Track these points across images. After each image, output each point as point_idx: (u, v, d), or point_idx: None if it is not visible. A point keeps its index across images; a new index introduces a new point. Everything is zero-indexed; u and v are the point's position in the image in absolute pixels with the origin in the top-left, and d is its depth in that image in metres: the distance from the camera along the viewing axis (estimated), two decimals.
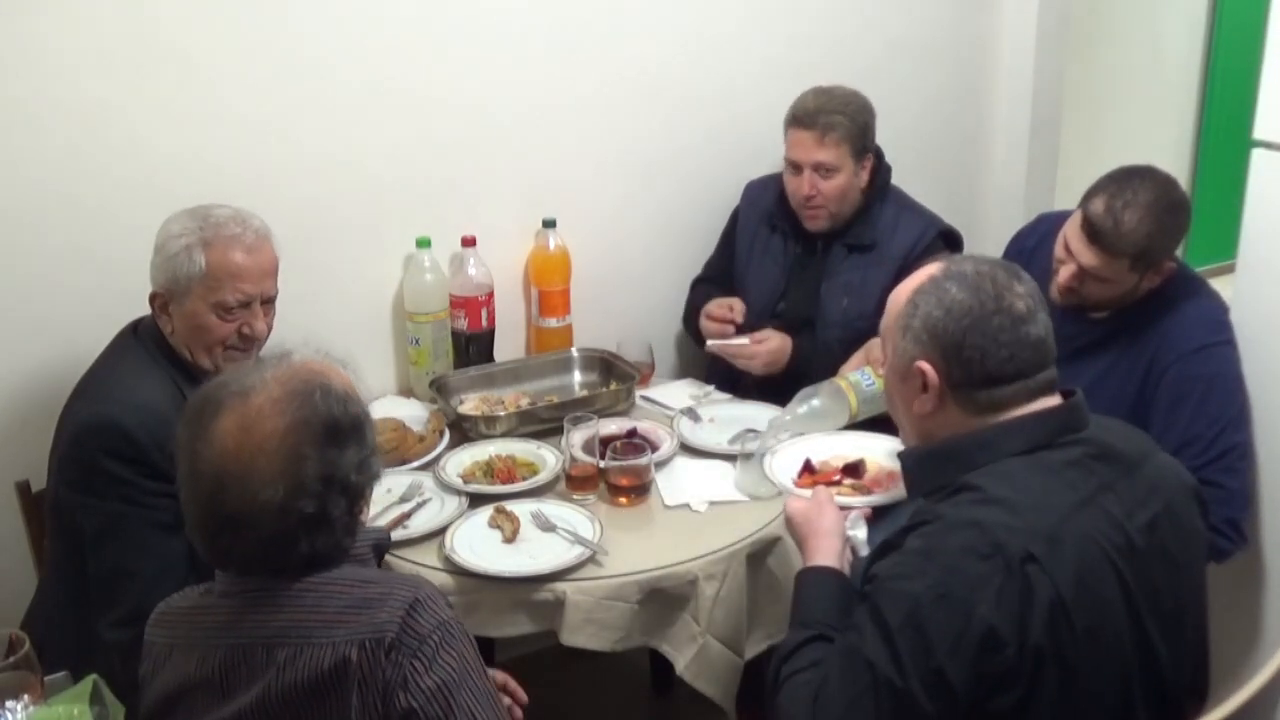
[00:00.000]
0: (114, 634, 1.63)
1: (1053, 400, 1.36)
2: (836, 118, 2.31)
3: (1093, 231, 1.88)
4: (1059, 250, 1.97)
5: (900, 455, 1.47)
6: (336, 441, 1.20)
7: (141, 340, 1.76)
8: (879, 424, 1.86)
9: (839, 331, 2.37)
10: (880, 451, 1.90)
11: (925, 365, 1.35)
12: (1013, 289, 1.35)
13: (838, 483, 1.82)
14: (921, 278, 1.40)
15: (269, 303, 1.78)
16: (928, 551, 1.25)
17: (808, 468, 1.87)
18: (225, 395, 1.19)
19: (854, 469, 1.85)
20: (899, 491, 1.79)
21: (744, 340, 2.34)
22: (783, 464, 1.89)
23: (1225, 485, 1.86)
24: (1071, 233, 1.94)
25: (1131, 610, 1.26)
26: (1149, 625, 1.27)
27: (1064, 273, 1.95)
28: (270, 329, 1.79)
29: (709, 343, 2.38)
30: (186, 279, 1.69)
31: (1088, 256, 1.90)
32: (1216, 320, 1.97)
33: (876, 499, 1.76)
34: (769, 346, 2.32)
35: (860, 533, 1.61)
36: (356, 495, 1.23)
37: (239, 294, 1.72)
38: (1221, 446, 1.88)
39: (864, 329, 2.35)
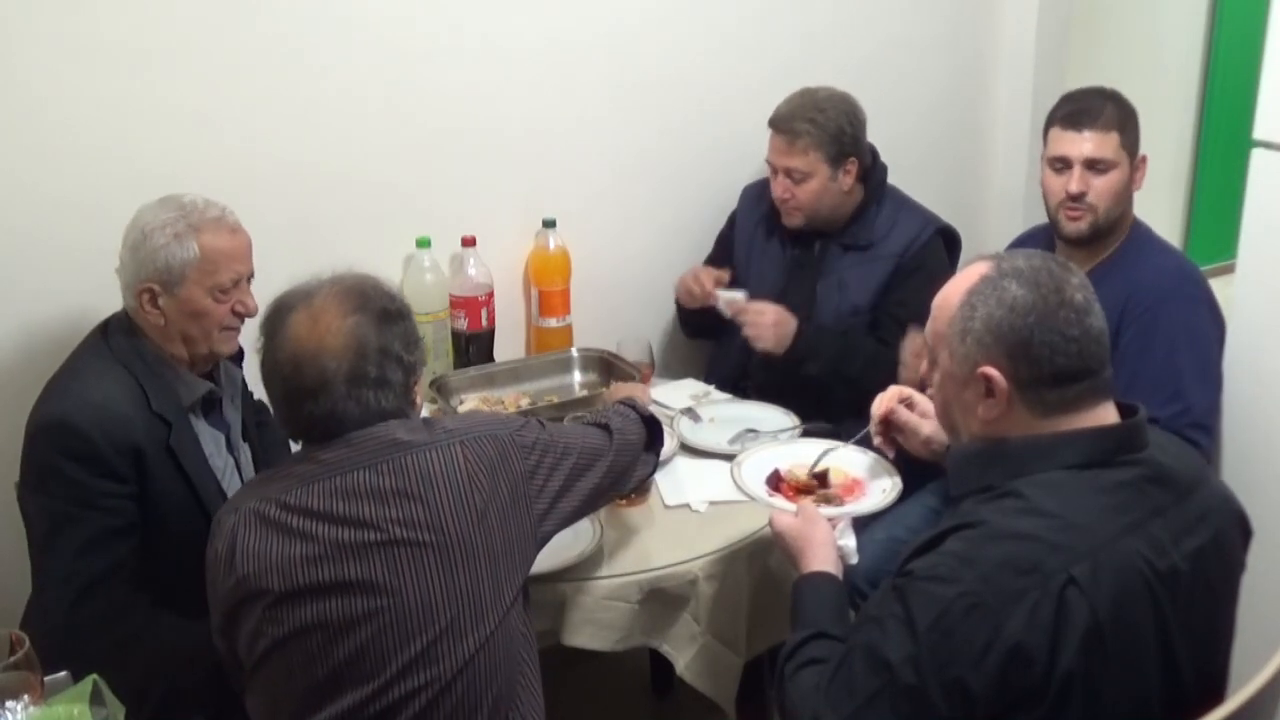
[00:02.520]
0: (66, 627, 1.63)
1: (1112, 407, 1.33)
2: (804, 125, 2.30)
3: (1075, 117, 2.04)
4: (1057, 176, 2.06)
5: (949, 453, 1.42)
6: (388, 323, 1.42)
7: (110, 339, 1.76)
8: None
9: (832, 328, 2.37)
10: (842, 460, 1.90)
11: (991, 370, 1.29)
12: (1069, 281, 1.31)
13: (811, 491, 1.82)
14: (972, 278, 1.34)
15: (250, 280, 1.80)
16: (966, 558, 1.21)
17: (776, 477, 1.88)
18: (293, 300, 1.42)
19: (820, 477, 1.85)
20: (879, 500, 1.79)
21: (740, 294, 2.34)
22: (751, 474, 1.90)
23: (1195, 442, 1.89)
24: (1061, 144, 2.05)
25: (1163, 637, 1.23)
26: (1178, 652, 1.25)
27: (1073, 179, 2.02)
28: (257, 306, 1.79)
29: (720, 294, 2.36)
30: (181, 266, 1.70)
31: (1082, 146, 2.01)
32: (1185, 273, 2.03)
33: (859, 508, 1.76)
34: (776, 309, 2.31)
35: (849, 541, 1.60)
36: (409, 370, 1.45)
37: (232, 273, 1.74)
38: (1184, 403, 1.92)
39: (856, 324, 2.36)
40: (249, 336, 1.83)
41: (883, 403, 1.77)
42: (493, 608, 1.39)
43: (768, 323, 2.30)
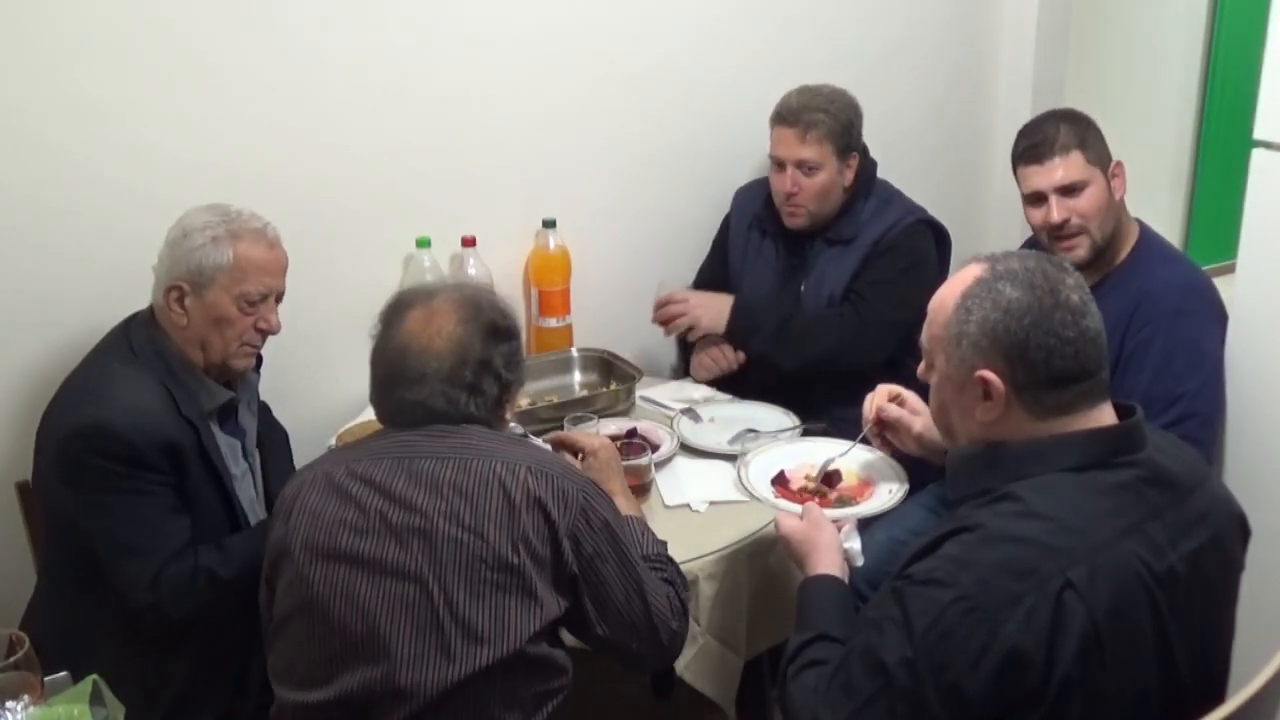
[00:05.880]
0: (145, 597, 1.65)
1: (1109, 409, 1.33)
2: (819, 115, 2.32)
3: (1034, 150, 2.03)
4: (1037, 210, 2.05)
5: (947, 457, 1.42)
6: (495, 338, 1.51)
7: (132, 339, 1.76)
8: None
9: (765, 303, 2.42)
10: (850, 461, 1.91)
11: (988, 374, 1.29)
12: (1065, 282, 1.31)
13: (823, 494, 1.82)
14: (967, 280, 1.34)
15: (279, 299, 1.82)
16: (963, 561, 1.21)
17: (781, 479, 1.88)
18: (414, 297, 1.54)
19: (829, 479, 1.86)
20: (885, 501, 1.80)
21: (668, 293, 2.41)
22: (757, 475, 1.90)
23: (1199, 440, 1.87)
24: (1032, 180, 2.05)
25: (1161, 639, 1.23)
26: (1177, 653, 1.24)
27: (1052, 209, 2.01)
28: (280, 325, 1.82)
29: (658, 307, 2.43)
30: (213, 269, 1.72)
31: (1052, 176, 2.00)
32: (1192, 286, 2.00)
33: (863, 509, 1.77)
34: (695, 292, 2.41)
35: (855, 543, 1.61)
36: (505, 387, 1.53)
37: (262, 286, 1.75)
38: (1179, 412, 1.90)
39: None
40: (275, 343, 1.84)
41: (873, 402, 1.77)
42: (518, 629, 1.38)
43: (694, 304, 2.37)
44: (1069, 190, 2.01)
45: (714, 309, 2.37)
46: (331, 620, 1.39)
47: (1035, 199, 2.05)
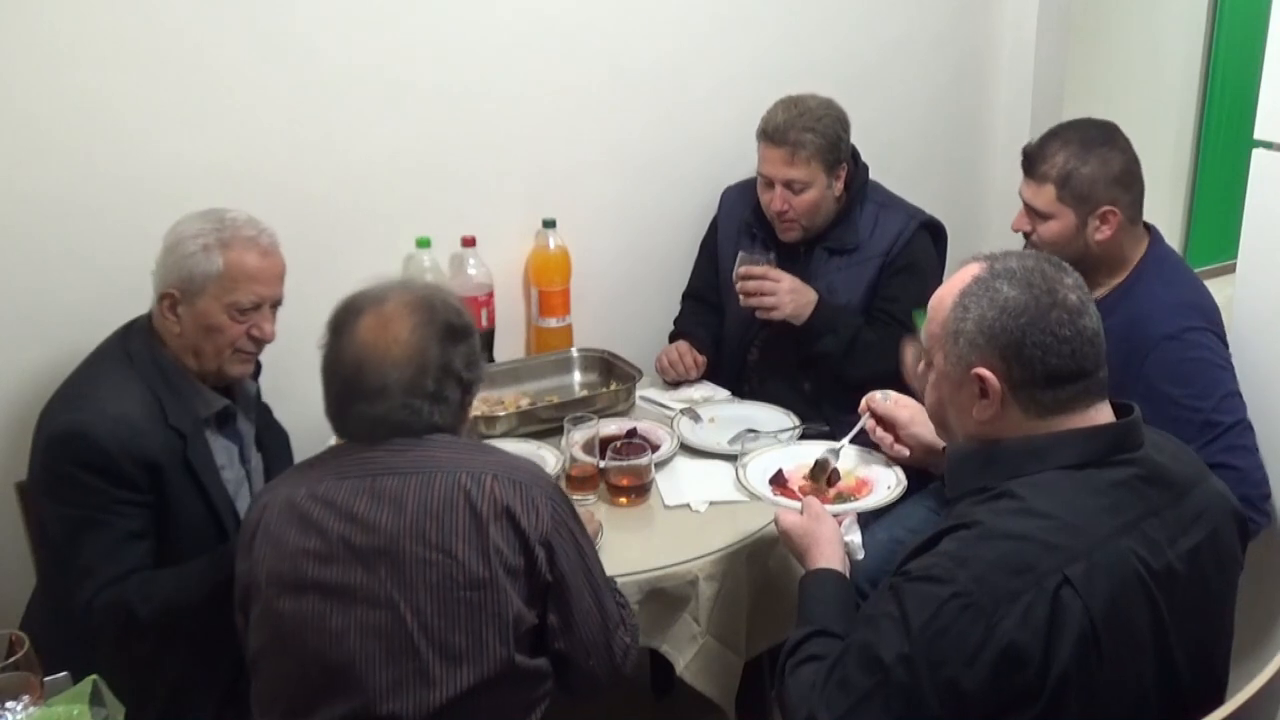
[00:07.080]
0: (83, 618, 1.65)
1: (1107, 408, 1.33)
2: (806, 135, 2.27)
3: (1023, 162, 2.02)
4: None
5: (945, 454, 1.42)
6: (452, 339, 1.45)
7: (129, 346, 1.75)
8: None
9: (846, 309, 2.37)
10: (848, 461, 1.91)
11: (984, 371, 1.30)
12: (1063, 281, 1.31)
13: (816, 490, 1.83)
14: (965, 279, 1.34)
15: (276, 307, 1.80)
16: (960, 558, 1.21)
17: (779, 478, 1.88)
18: (364, 303, 1.45)
19: (829, 479, 1.86)
20: (884, 496, 1.80)
21: (764, 259, 2.30)
22: (755, 474, 1.90)
23: (1232, 465, 1.83)
24: (1021, 183, 2.06)
25: (1159, 637, 1.23)
26: (1175, 652, 1.25)
27: (1020, 215, 2.06)
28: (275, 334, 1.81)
29: (742, 255, 2.31)
30: (202, 278, 1.70)
31: (1024, 191, 2.02)
32: (1189, 305, 1.94)
33: (864, 504, 1.77)
34: (791, 277, 2.29)
35: (855, 537, 1.61)
36: (466, 388, 1.48)
37: (253, 295, 1.73)
38: (1217, 429, 1.86)
39: None
40: (276, 343, 1.83)
41: (866, 401, 1.82)
42: (498, 645, 1.36)
43: (785, 289, 2.27)
44: (1033, 211, 2.02)
45: (800, 301, 2.28)
46: (306, 654, 1.36)
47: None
